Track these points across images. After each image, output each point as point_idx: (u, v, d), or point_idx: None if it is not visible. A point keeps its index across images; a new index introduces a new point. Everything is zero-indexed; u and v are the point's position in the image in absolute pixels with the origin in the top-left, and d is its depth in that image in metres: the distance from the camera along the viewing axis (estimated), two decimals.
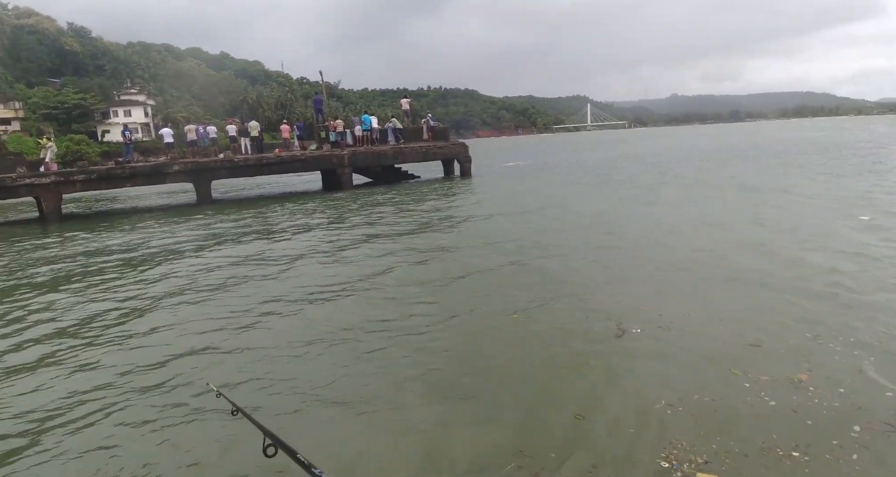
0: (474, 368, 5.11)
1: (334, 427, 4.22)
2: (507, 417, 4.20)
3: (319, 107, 28.71)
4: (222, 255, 11.30)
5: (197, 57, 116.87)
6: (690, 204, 14.61)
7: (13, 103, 66.75)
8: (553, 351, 5.39)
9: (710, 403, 4.18)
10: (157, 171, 21.55)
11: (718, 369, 4.73)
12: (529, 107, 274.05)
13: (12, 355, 6.18)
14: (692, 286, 7.18)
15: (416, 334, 5.98)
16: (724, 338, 5.40)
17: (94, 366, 5.72)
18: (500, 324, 6.21)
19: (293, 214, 17.31)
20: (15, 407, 4.85)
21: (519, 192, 20.88)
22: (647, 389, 4.47)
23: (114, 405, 4.77)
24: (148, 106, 77.27)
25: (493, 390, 4.63)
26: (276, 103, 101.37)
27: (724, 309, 6.22)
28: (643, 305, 6.46)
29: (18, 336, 6.85)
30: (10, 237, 16.01)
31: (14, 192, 19.79)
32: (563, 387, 4.66)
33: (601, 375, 4.81)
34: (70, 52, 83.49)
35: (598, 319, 6.09)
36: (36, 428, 4.45)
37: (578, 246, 10.20)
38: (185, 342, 6.21)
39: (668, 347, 5.28)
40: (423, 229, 12.96)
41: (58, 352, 6.20)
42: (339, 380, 4.98)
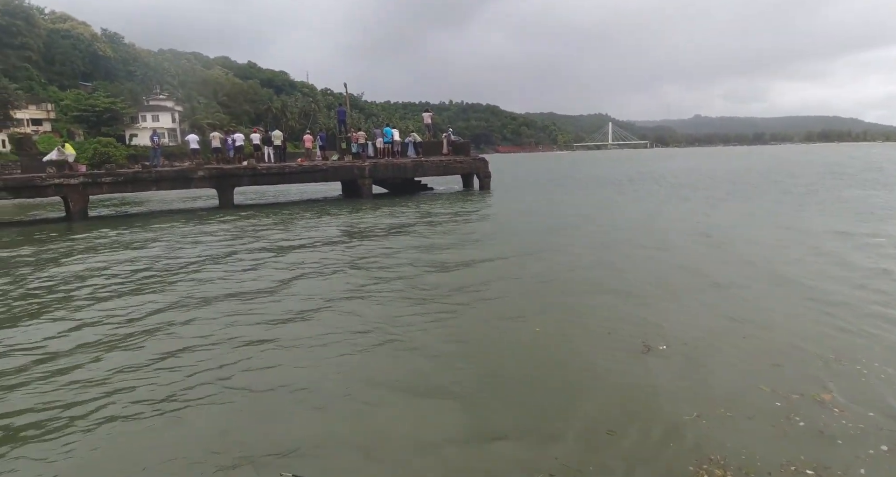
0: (499, 384, 5.09)
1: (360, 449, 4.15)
2: (539, 432, 4.21)
3: (343, 118, 29.13)
4: (241, 259, 11.48)
5: (225, 65, 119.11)
6: (719, 225, 14.51)
7: (45, 105, 68.64)
8: (578, 366, 5.42)
9: (740, 420, 4.23)
10: (182, 176, 21.98)
11: (746, 385, 4.78)
12: (550, 123, 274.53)
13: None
14: (715, 303, 7.25)
15: (439, 351, 5.95)
16: (749, 355, 5.46)
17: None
18: (523, 338, 6.21)
19: (312, 220, 17.54)
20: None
21: (539, 206, 20.92)
22: (677, 404, 4.53)
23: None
24: (176, 112, 78.84)
25: (521, 406, 4.65)
26: (300, 113, 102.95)
27: (749, 326, 6.28)
28: (667, 322, 6.52)
29: (40, 353, 7.01)
30: (37, 233, 16.42)
31: (42, 192, 20.33)
32: (592, 402, 4.67)
33: (629, 390, 4.83)
34: (103, 57, 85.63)
35: (624, 335, 6.13)
36: None
37: (601, 260, 10.25)
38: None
39: (695, 363, 5.34)
40: (441, 241, 13.06)
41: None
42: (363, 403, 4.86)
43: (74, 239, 15.44)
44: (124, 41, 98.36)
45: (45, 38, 78.51)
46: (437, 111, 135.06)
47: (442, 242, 13.04)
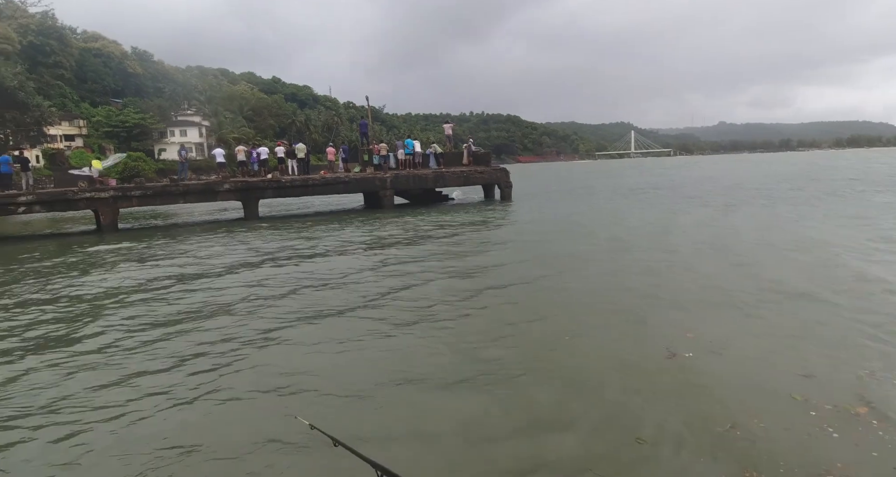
0: (529, 392, 5.07)
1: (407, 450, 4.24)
2: (568, 440, 4.20)
3: (365, 131, 29.49)
4: (269, 267, 11.69)
5: (250, 81, 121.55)
6: (746, 230, 14.40)
7: (78, 121, 70.89)
8: (608, 375, 5.35)
9: (774, 430, 4.16)
10: (209, 189, 22.48)
11: (779, 396, 4.72)
12: (571, 133, 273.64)
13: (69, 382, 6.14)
14: (742, 312, 7.17)
15: (471, 358, 5.94)
16: (780, 365, 5.39)
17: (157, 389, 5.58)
18: (553, 346, 6.21)
19: (335, 230, 17.76)
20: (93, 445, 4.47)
21: (562, 215, 20.89)
22: (707, 413, 4.47)
23: (196, 449, 4.30)
24: (203, 126, 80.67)
25: (551, 413, 4.63)
26: (322, 126, 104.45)
27: (777, 336, 6.20)
28: (693, 330, 6.47)
29: (71, 357, 7.24)
30: (73, 245, 16.93)
31: (74, 205, 20.96)
32: (620, 411, 4.63)
33: (656, 399, 4.79)
34: (133, 75, 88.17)
35: (650, 344, 6.09)
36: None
37: (626, 268, 10.22)
38: (246, 358, 6.27)
39: (723, 372, 5.27)
40: (465, 250, 13.12)
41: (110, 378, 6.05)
42: (398, 404, 4.99)
43: (106, 250, 15.87)
44: (153, 59, 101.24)
45: (77, 57, 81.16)
46: (457, 122, 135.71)
47: (465, 249, 13.12)
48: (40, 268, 13.38)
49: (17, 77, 30.68)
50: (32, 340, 7.39)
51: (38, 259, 14.88)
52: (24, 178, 21.91)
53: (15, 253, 16.29)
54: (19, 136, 31.42)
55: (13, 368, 6.32)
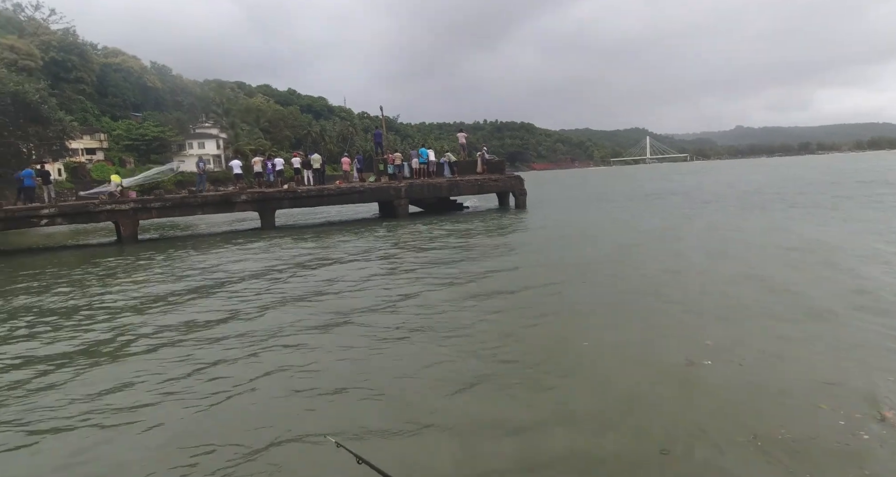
0: (548, 400, 5.02)
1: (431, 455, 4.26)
2: (593, 449, 4.15)
3: (379, 140, 29.70)
4: (287, 276, 11.79)
5: (266, 93, 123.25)
6: (763, 236, 14.17)
7: (99, 135, 72.33)
8: (625, 384, 5.27)
9: (802, 440, 4.07)
10: (226, 200, 22.77)
11: (804, 404, 4.63)
12: (586, 139, 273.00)
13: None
14: (761, 319, 7.05)
15: (485, 366, 5.91)
16: (804, 372, 5.29)
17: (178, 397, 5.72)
18: (569, 354, 6.16)
19: (351, 239, 17.86)
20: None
21: (576, 222, 20.80)
22: (731, 423, 4.38)
23: (219, 463, 4.27)
24: (220, 139, 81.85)
25: (573, 421, 4.58)
26: (337, 136, 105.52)
27: (798, 343, 6.10)
28: (713, 338, 6.37)
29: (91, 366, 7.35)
30: (93, 257, 17.22)
31: (95, 217, 21.34)
32: (642, 421, 4.54)
33: (678, 409, 4.70)
34: (152, 89, 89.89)
35: (668, 352, 6.01)
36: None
37: (642, 275, 10.13)
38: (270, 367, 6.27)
39: (744, 381, 5.17)
40: (479, 257, 13.10)
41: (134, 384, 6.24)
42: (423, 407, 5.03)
43: (127, 260, 16.11)
44: (172, 73, 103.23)
45: (98, 72, 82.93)
46: (471, 131, 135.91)
47: (479, 256, 13.10)
48: (67, 278, 13.61)
49: (40, 92, 31.35)
50: (63, 348, 7.52)
51: (63, 269, 15.14)
52: (45, 191, 22.39)
53: (41, 264, 16.61)
54: (42, 150, 32.12)
55: (44, 376, 6.43)
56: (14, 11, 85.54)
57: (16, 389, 6.09)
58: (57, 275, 14.32)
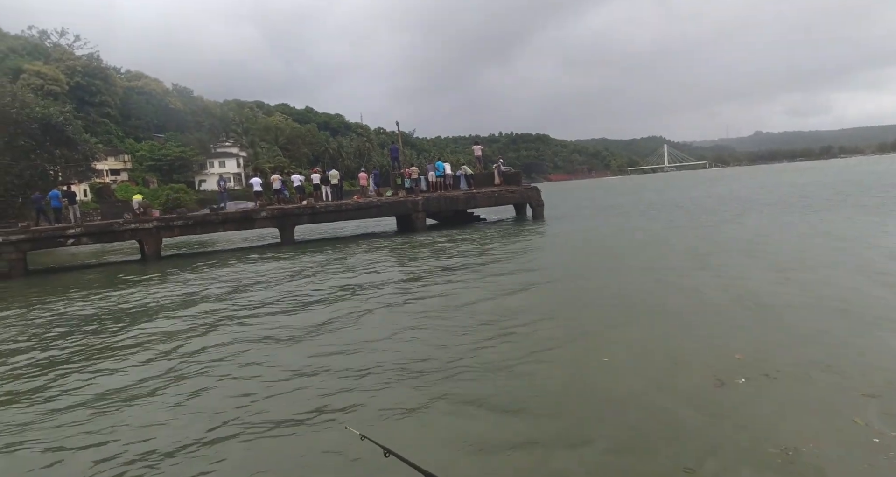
0: (565, 416, 4.93)
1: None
2: (611, 467, 4.05)
3: (395, 155, 29.95)
4: (310, 287, 11.92)
5: (284, 112, 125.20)
6: (791, 244, 13.77)
7: (123, 156, 74.15)
8: (648, 399, 5.10)
9: (833, 458, 3.89)
10: (247, 218, 23.13)
11: (838, 420, 4.43)
12: (602, 149, 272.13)
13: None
14: (792, 329, 6.81)
15: (502, 381, 5.82)
16: (839, 386, 5.05)
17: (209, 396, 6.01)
18: (590, 368, 6.02)
19: (370, 253, 17.99)
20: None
21: (594, 232, 20.67)
22: (759, 439, 4.21)
23: (250, 448, 4.65)
24: (240, 157, 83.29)
25: (593, 438, 4.47)
26: (355, 152, 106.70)
27: (837, 357, 5.77)
28: (742, 351, 6.12)
29: (128, 371, 7.50)
30: (121, 273, 17.58)
31: (120, 236, 21.83)
32: (665, 437, 4.38)
33: (704, 424, 4.54)
34: (174, 110, 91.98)
35: (696, 366, 5.80)
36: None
37: (667, 286, 9.89)
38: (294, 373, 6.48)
39: (775, 394, 4.97)
40: (498, 268, 13.08)
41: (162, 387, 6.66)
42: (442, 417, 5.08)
43: (152, 277, 16.42)
44: (193, 94, 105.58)
45: (121, 95, 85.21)
46: (486, 143, 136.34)
47: (498, 267, 13.11)
48: (97, 293, 13.91)
49: (65, 115, 32.31)
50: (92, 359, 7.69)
51: (93, 286, 15.47)
52: (71, 212, 22.93)
53: (70, 281, 16.99)
54: (69, 172, 33.02)
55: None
56: (40, 38, 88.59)
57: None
58: (90, 288, 14.62)
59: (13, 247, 19.88)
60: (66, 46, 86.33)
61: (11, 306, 13.44)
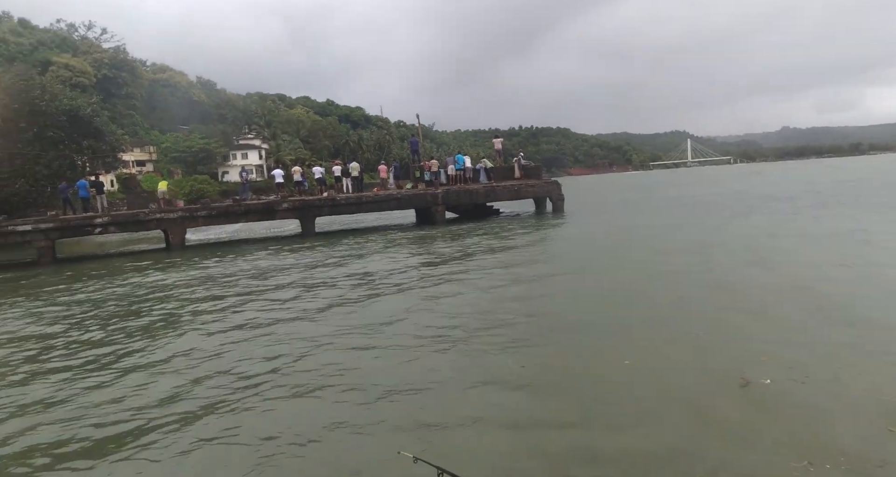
0: (584, 419, 4.85)
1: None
2: (621, 472, 3.97)
3: (415, 148, 29.97)
4: (332, 279, 12.06)
5: (305, 104, 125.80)
6: (821, 244, 13.31)
7: (148, 147, 75.31)
8: (670, 403, 4.99)
9: (861, 472, 3.72)
10: (269, 209, 23.40)
11: (871, 429, 4.24)
12: (624, 143, 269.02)
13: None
14: (833, 332, 6.56)
15: (521, 382, 5.72)
16: (873, 393, 4.84)
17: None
18: (611, 370, 5.88)
19: (390, 245, 18.09)
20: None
21: (615, 228, 20.51)
22: (782, 448, 4.08)
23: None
24: (262, 149, 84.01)
25: (606, 442, 4.41)
26: (375, 145, 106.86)
27: (864, 357, 5.63)
28: (768, 353, 5.92)
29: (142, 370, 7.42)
30: (144, 260, 17.96)
31: (145, 226, 22.26)
32: (684, 443, 4.29)
33: (725, 430, 4.43)
34: (198, 103, 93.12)
35: (719, 368, 5.64)
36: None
37: (691, 284, 9.69)
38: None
39: (801, 399, 4.80)
40: (518, 263, 13.09)
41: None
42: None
43: (180, 264, 16.74)
44: (216, 87, 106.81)
45: (147, 88, 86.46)
46: (506, 137, 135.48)
47: (518, 262, 13.11)
48: (125, 278, 14.25)
49: (92, 106, 32.93)
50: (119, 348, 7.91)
51: (121, 271, 15.84)
52: (98, 201, 23.41)
53: (98, 267, 17.40)
54: (96, 163, 33.69)
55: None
56: (68, 31, 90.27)
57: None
58: (119, 273, 14.98)
59: (42, 235, 20.39)
60: (94, 39, 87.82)
61: (42, 292, 13.84)
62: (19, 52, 73.73)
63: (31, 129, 28.04)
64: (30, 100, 27.98)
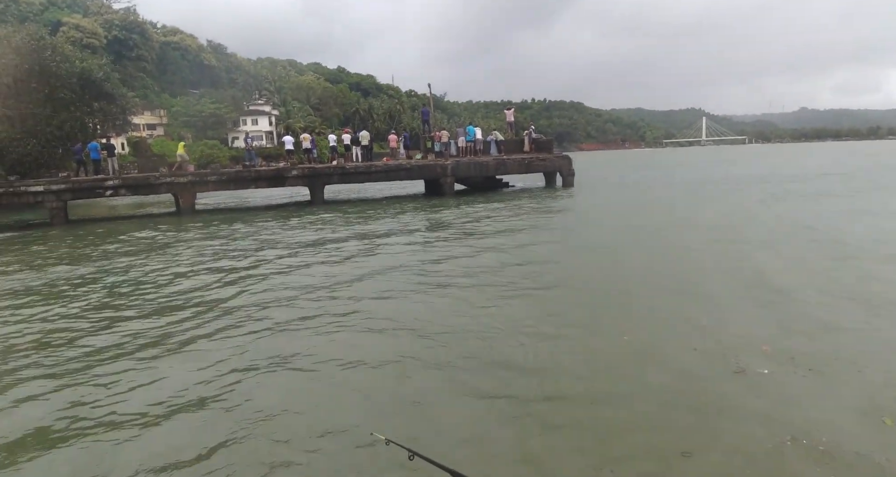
0: (576, 391, 4.90)
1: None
2: (602, 445, 4.03)
3: (426, 118, 29.73)
4: (334, 247, 12.17)
5: (316, 71, 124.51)
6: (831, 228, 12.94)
7: (159, 111, 75.15)
8: (663, 379, 5.00)
9: (844, 448, 3.78)
10: (278, 175, 23.44)
11: (865, 418, 4.24)
12: (638, 119, 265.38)
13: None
14: (839, 319, 6.43)
15: (522, 357, 5.70)
16: (876, 385, 4.79)
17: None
18: (609, 348, 5.87)
19: (398, 215, 18.14)
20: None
21: (627, 204, 20.45)
22: (769, 428, 4.11)
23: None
24: (272, 116, 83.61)
25: (593, 415, 4.48)
26: (385, 114, 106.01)
27: (871, 350, 5.51)
28: (770, 342, 5.79)
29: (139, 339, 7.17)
30: (150, 223, 18.16)
31: (156, 189, 22.37)
32: (672, 420, 4.33)
33: (716, 411, 4.43)
34: (208, 66, 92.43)
35: (717, 352, 5.60)
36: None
37: (693, 267, 9.55)
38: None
39: (795, 387, 4.79)
40: (524, 239, 13.02)
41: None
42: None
43: (190, 228, 16.91)
44: (227, 51, 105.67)
45: (157, 50, 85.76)
46: (518, 109, 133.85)
47: (524, 238, 13.11)
48: (135, 239, 14.45)
49: (103, 69, 32.70)
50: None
51: (129, 232, 16.04)
52: (109, 164, 23.50)
53: (109, 228, 17.61)
54: (107, 125, 33.59)
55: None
56: None
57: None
58: (127, 232, 15.18)
59: (54, 196, 20.57)
60: (104, 0, 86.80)
61: (59, 247, 14.09)
62: (30, 11, 73.12)
63: (42, 90, 27.94)
64: (41, 60, 27.82)
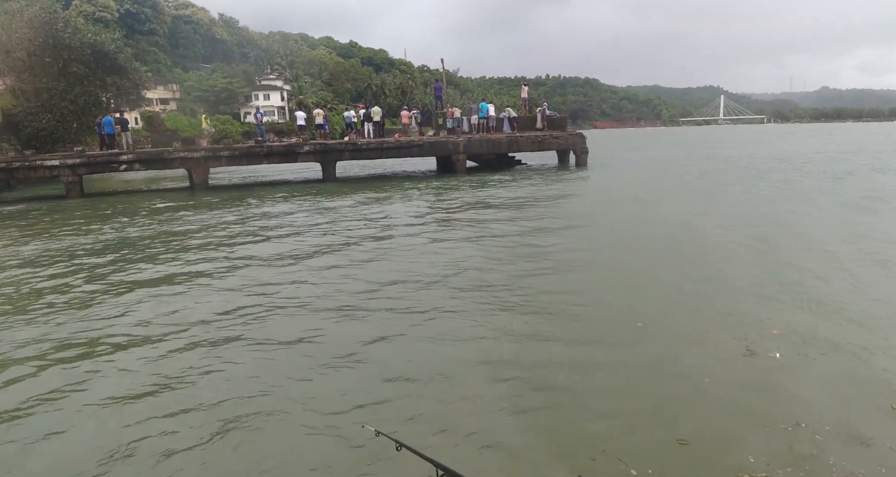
0: (586, 376, 4.90)
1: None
2: (599, 429, 4.02)
3: (439, 94, 29.45)
4: (345, 222, 12.24)
5: (328, 45, 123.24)
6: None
7: (171, 86, 75.04)
8: (675, 367, 4.97)
9: (851, 433, 3.76)
10: (290, 151, 23.45)
11: (873, 404, 4.21)
12: (654, 97, 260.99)
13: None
14: (856, 304, 6.35)
15: (531, 340, 5.69)
16: (888, 371, 4.75)
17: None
18: (622, 332, 5.82)
19: (409, 192, 18.13)
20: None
21: (640, 184, 20.25)
22: (776, 412, 4.09)
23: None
24: (284, 91, 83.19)
25: (594, 397, 4.48)
26: (397, 90, 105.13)
27: (885, 336, 5.46)
28: (783, 326, 5.75)
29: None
30: (163, 199, 18.33)
31: (170, 164, 22.50)
32: (674, 408, 4.32)
33: (720, 398, 4.40)
34: (220, 41, 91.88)
35: (730, 337, 5.53)
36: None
37: (708, 249, 9.50)
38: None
39: (806, 373, 4.76)
40: (535, 219, 12.94)
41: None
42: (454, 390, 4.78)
43: (203, 201, 17.05)
44: (239, 25, 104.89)
45: (169, 24, 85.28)
46: (532, 86, 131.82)
47: (536, 218, 13.07)
48: (152, 210, 14.62)
49: (115, 42, 32.62)
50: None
51: (145, 204, 16.22)
52: (123, 138, 23.61)
53: (125, 201, 17.81)
54: (120, 100, 33.67)
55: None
56: None
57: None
58: (143, 204, 15.35)
59: (70, 170, 20.76)
60: None
61: (73, 219, 14.33)
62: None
63: (56, 64, 27.98)
64: (54, 33, 27.79)
